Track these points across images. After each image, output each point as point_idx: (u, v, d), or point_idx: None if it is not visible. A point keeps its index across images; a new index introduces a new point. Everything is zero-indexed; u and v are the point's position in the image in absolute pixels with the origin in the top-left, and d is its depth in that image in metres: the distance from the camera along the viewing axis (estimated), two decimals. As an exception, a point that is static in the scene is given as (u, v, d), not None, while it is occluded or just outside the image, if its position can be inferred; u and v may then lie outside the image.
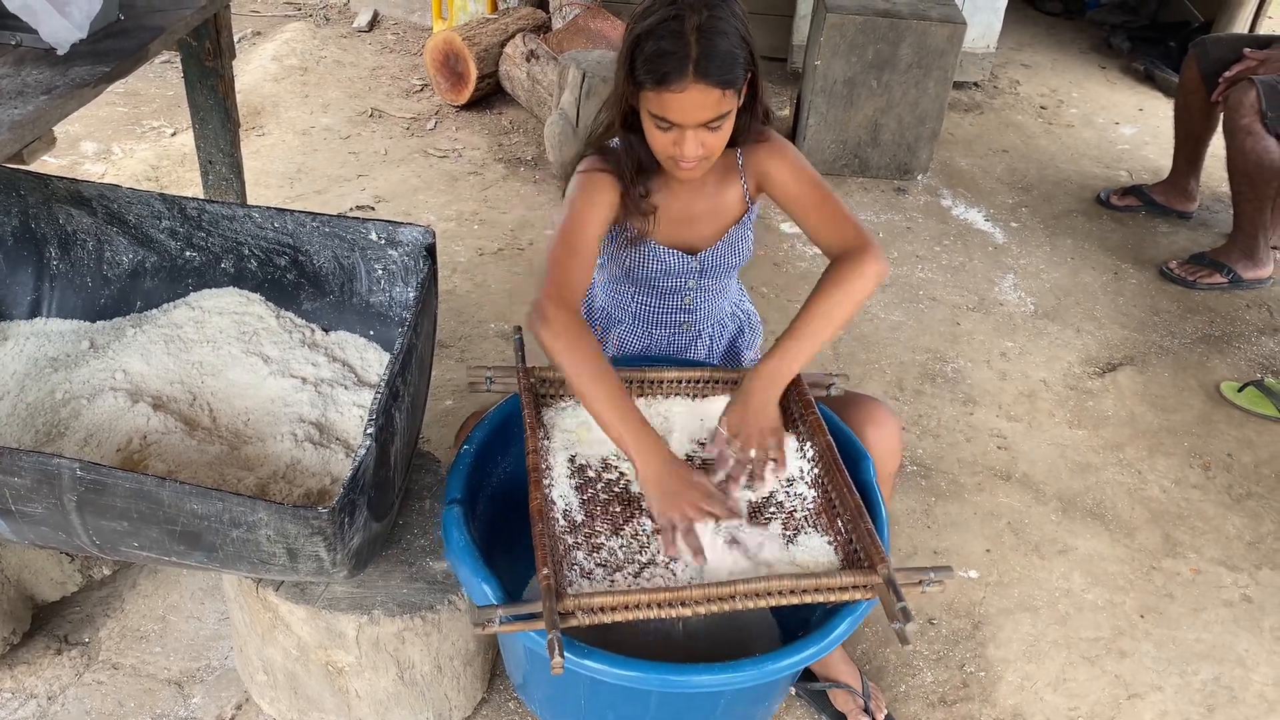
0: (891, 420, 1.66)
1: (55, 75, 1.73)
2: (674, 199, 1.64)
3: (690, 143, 1.46)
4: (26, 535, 1.40)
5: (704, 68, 1.39)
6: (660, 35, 1.40)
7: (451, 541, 1.37)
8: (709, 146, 1.49)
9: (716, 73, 1.40)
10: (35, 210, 1.78)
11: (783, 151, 1.63)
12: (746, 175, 1.66)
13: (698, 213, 1.67)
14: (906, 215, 3.49)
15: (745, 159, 1.65)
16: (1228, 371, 2.84)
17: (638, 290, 1.75)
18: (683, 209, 1.66)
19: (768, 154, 1.63)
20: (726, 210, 1.69)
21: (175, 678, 1.77)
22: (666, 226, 1.66)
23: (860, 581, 1.28)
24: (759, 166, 1.64)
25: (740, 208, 1.69)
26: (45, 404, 1.65)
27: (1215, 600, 2.13)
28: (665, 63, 1.39)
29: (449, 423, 2.36)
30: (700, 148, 1.47)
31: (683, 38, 1.38)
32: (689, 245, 1.69)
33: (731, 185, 1.67)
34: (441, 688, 1.63)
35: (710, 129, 1.46)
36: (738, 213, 1.70)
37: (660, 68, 1.40)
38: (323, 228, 1.76)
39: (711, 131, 1.47)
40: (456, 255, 3.00)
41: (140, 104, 3.83)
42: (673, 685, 1.24)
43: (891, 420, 1.66)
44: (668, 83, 1.40)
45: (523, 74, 3.78)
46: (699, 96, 1.41)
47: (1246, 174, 3.07)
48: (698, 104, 1.42)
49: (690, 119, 1.44)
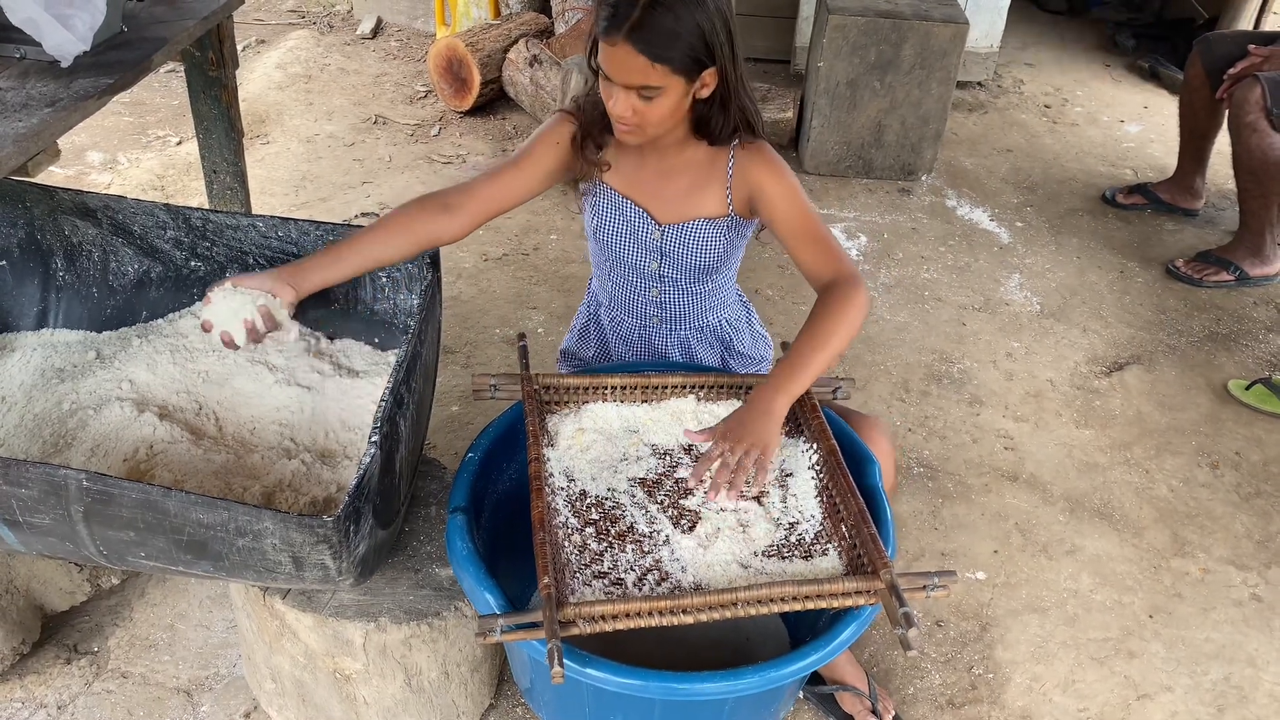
0: (885, 438, 1.66)
1: (59, 88, 1.74)
2: (641, 165, 1.69)
3: (618, 100, 1.52)
4: (35, 546, 1.40)
5: (636, 34, 1.44)
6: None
7: (455, 550, 1.38)
8: (640, 114, 1.53)
9: (645, 42, 1.45)
10: (41, 222, 1.79)
11: (779, 173, 1.63)
12: (734, 181, 1.66)
13: (664, 185, 1.70)
14: (911, 216, 3.48)
15: (736, 164, 1.65)
16: (1235, 369, 2.83)
17: (609, 260, 1.79)
18: (648, 175, 1.70)
19: (763, 169, 1.63)
20: (701, 200, 1.69)
21: (184, 686, 1.77)
22: (625, 180, 1.71)
23: (863, 587, 1.27)
24: (751, 178, 1.63)
25: (719, 207, 1.69)
26: (52, 415, 1.65)
27: (1224, 600, 2.12)
28: (608, 15, 1.46)
29: (454, 428, 2.37)
30: (629, 111, 1.52)
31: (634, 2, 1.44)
32: (652, 209, 1.71)
33: (714, 180, 1.67)
34: (449, 694, 1.63)
35: (642, 97, 1.50)
36: (714, 210, 1.69)
37: (604, 17, 1.47)
38: (327, 236, 1.77)
39: (644, 100, 1.51)
40: (461, 261, 3.01)
41: (145, 113, 3.84)
42: (675, 694, 1.24)
43: (885, 438, 1.66)
44: (605, 34, 1.47)
45: (526, 79, 3.78)
46: (625, 57, 1.47)
47: (1252, 171, 3.06)
48: (623, 64, 1.48)
49: (617, 76, 1.50)
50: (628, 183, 1.71)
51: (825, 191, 3.60)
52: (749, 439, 1.43)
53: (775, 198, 1.62)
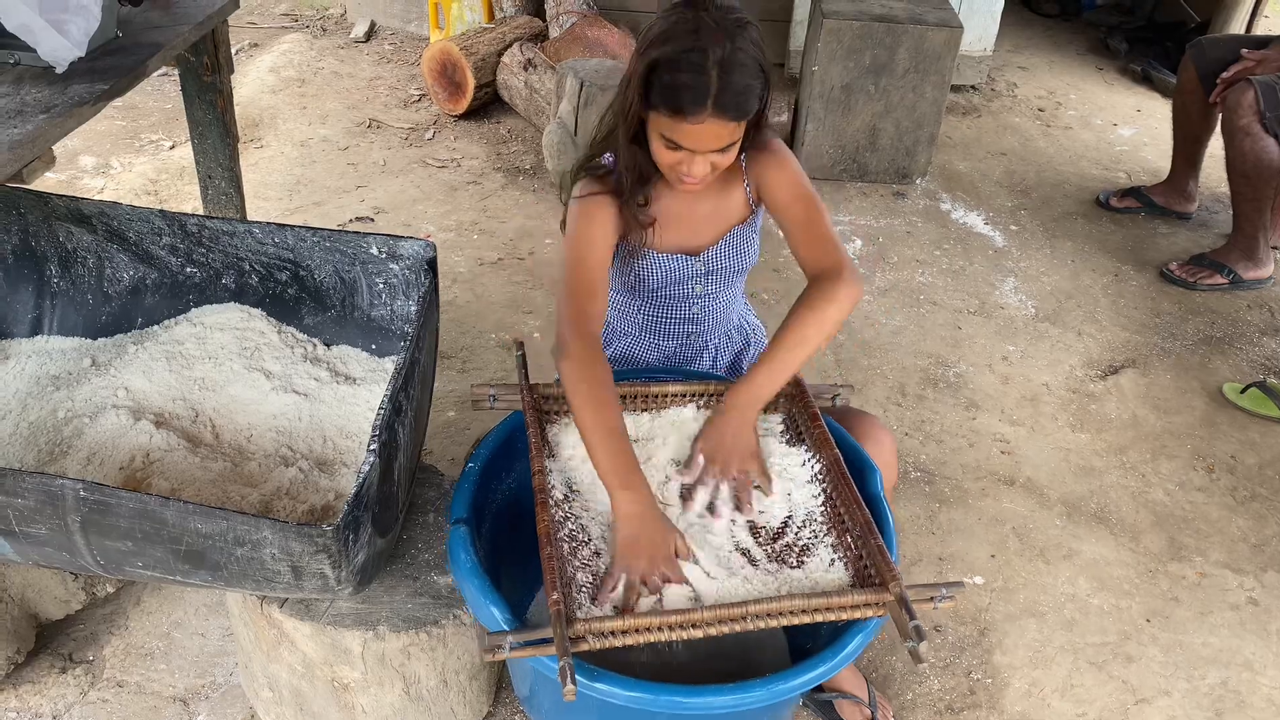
0: (887, 437, 1.66)
1: (54, 94, 1.74)
2: (675, 200, 1.64)
3: (699, 165, 1.48)
4: (30, 556, 1.39)
5: (722, 103, 1.39)
6: (680, 67, 1.39)
7: (459, 563, 1.37)
8: (717, 165, 1.50)
9: (734, 108, 1.41)
10: (36, 228, 1.78)
11: (784, 162, 1.63)
12: (750, 179, 1.66)
13: (700, 214, 1.67)
14: (906, 219, 3.49)
15: (749, 164, 1.65)
16: (1230, 373, 2.84)
17: (644, 302, 1.75)
18: (684, 211, 1.66)
19: (770, 162, 1.63)
20: (729, 212, 1.69)
21: (180, 695, 1.76)
22: (668, 231, 1.66)
23: (872, 599, 1.27)
24: (761, 173, 1.64)
25: (744, 210, 1.69)
26: (47, 423, 1.64)
27: (1221, 604, 2.12)
28: (684, 95, 1.39)
29: (452, 435, 2.36)
30: (708, 168, 1.49)
31: (704, 73, 1.38)
32: (691, 248, 1.69)
33: (734, 188, 1.67)
34: (448, 702, 1.63)
35: (720, 153, 1.48)
36: (741, 215, 1.70)
37: (678, 100, 1.40)
38: (323, 242, 1.76)
39: (720, 154, 1.48)
40: (456, 266, 3.00)
41: (138, 117, 3.83)
42: (682, 707, 1.24)
43: (887, 437, 1.66)
44: (684, 115, 1.41)
45: (520, 83, 3.78)
46: (715, 129, 1.42)
47: (1245, 174, 3.07)
48: (713, 135, 1.44)
49: (704, 147, 1.45)
50: (664, 233, 1.65)
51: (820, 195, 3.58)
52: (734, 460, 1.46)
53: (776, 185, 1.63)
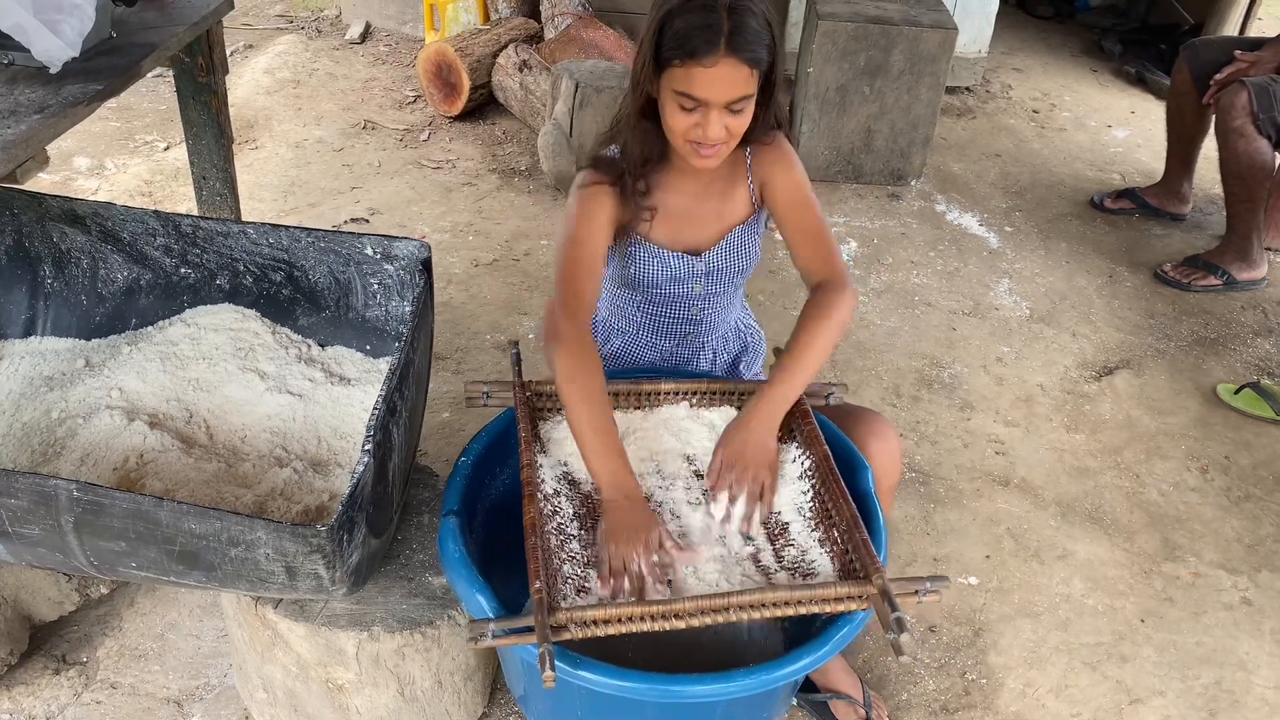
0: (892, 432, 1.66)
1: (48, 94, 1.73)
2: (678, 196, 1.63)
3: (714, 123, 1.45)
4: (24, 557, 1.39)
5: (736, 42, 1.39)
6: (691, 11, 1.40)
7: (447, 553, 1.37)
8: (731, 130, 1.48)
9: (747, 48, 1.40)
10: (29, 229, 1.77)
11: (791, 164, 1.62)
12: (754, 177, 1.65)
13: (702, 212, 1.66)
14: (901, 221, 3.49)
15: (754, 161, 1.64)
16: (1224, 374, 2.85)
17: (644, 299, 1.75)
18: (687, 207, 1.65)
19: (776, 161, 1.63)
20: (732, 211, 1.68)
21: (174, 696, 1.76)
22: (669, 227, 1.65)
23: (855, 592, 1.27)
24: (765, 169, 1.63)
25: (746, 210, 1.68)
26: (41, 424, 1.64)
27: (1215, 604, 2.13)
28: (697, 36, 1.39)
29: (446, 435, 2.36)
30: (723, 130, 1.46)
31: (715, 12, 1.39)
32: (692, 246, 1.68)
33: (738, 186, 1.66)
34: (442, 703, 1.62)
35: (733, 111, 1.46)
36: (743, 214, 1.69)
37: (691, 42, 1.40)
38: (318, 243, 1.76)
39: (734, 115, 1.46)
40: (452, 267, 3.00)
41: (133, 118, 3.82)
42: (668, 695, 1.25)
43: (892, 432, 1.66)
44: (698, 56, 1.40)
45: (516, 84, 3.78)
46: (729, 72, 1.41)
47: (1239, 175, 3.08)
48: (728, 79, 1.42)
49: (719, 95, 1.43)
50: (665, 227, 1.65)
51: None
52: (753, 468, 1.47)
53: (781, 189, 1.63)
